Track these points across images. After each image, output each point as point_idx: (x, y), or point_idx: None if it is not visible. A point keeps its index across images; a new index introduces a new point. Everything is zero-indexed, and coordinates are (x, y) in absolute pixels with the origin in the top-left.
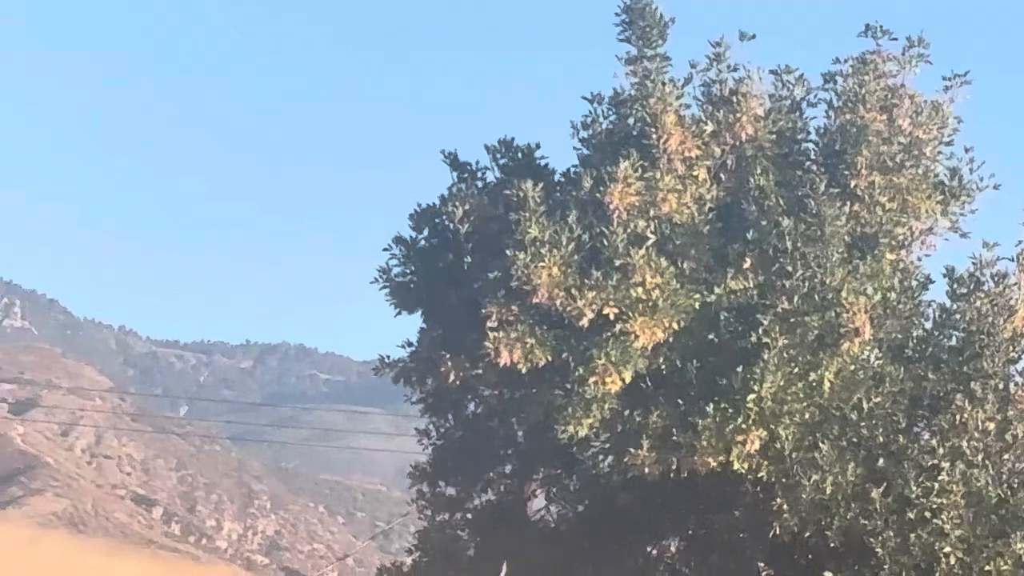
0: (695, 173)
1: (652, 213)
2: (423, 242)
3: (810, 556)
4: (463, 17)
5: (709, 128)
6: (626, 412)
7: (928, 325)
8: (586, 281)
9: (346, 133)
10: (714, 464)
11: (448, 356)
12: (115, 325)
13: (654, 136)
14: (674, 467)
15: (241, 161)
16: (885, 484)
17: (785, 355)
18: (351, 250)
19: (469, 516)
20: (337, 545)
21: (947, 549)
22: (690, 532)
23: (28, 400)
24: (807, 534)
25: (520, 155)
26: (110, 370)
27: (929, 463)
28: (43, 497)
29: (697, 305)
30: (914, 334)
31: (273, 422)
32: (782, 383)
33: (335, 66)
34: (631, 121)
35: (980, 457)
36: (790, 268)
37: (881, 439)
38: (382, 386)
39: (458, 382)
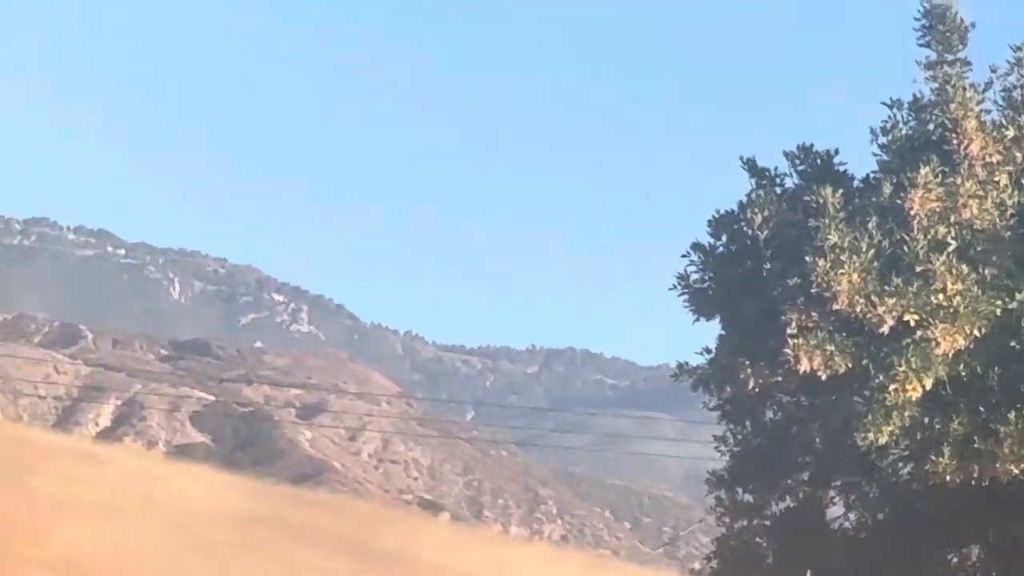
0: (996, 178)
1: (953, 219)
2: (721, 248)
3: None
4: (761, 22)
5: (1010, 133)
6: (926, 419)
7: None
8: (886, 287)
9: (643, 137)
10: (1016, 471)
11: (747, 363)
12: (401, 330)
13: (955, 141)
14: (975, 475)
15: (532, 166)
16: None
17: None
18: (639, 255)
19: (767, 523)
20: (624, 551)
21: None
22: (991, 540)
23: (316, 405)
24: None
25: (819, 161)
26: (397, 375)
27: None
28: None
29: (999, 311)
30: None
31: (559, 427)
32: None
33: (632, 68)
34: (931, 126)
35: None
36: None
37: None
38: (669, 391)
39: (757, 389)
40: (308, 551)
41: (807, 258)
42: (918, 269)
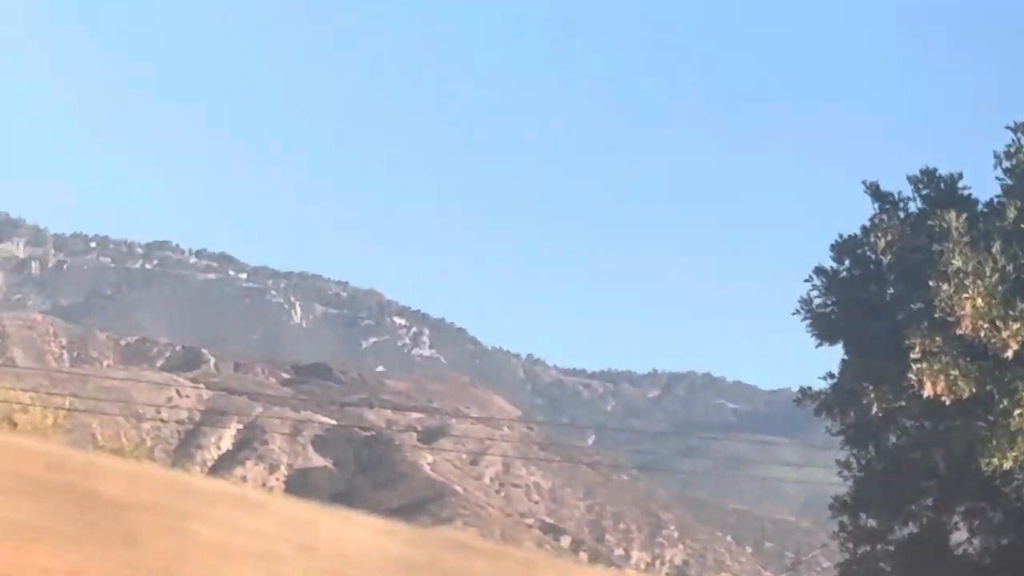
0: None
1: None
2: (845, 273)
3: None
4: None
5: None
6: None
7: None
8: (1011, 312)
9: (763, 162)
10: None
11: (870, 387)
12: (522, 354)
13: None
14: None
15: (652, 192)
16: None
17: None
18: (760, 279)
19: (891, 548)
20: (746, 575)
21: None
22: None
23: (437, 429)
24: None
25: (943, 185)
26: (518, 399)
27: None
28: (452, 526)
29: None
30: None
31: (680, 451)
32: None
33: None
34: None
35: None
36: None
37: None
38: (790, 415)
39: (880, 413)
40: None
41: (931, 282)
42: None
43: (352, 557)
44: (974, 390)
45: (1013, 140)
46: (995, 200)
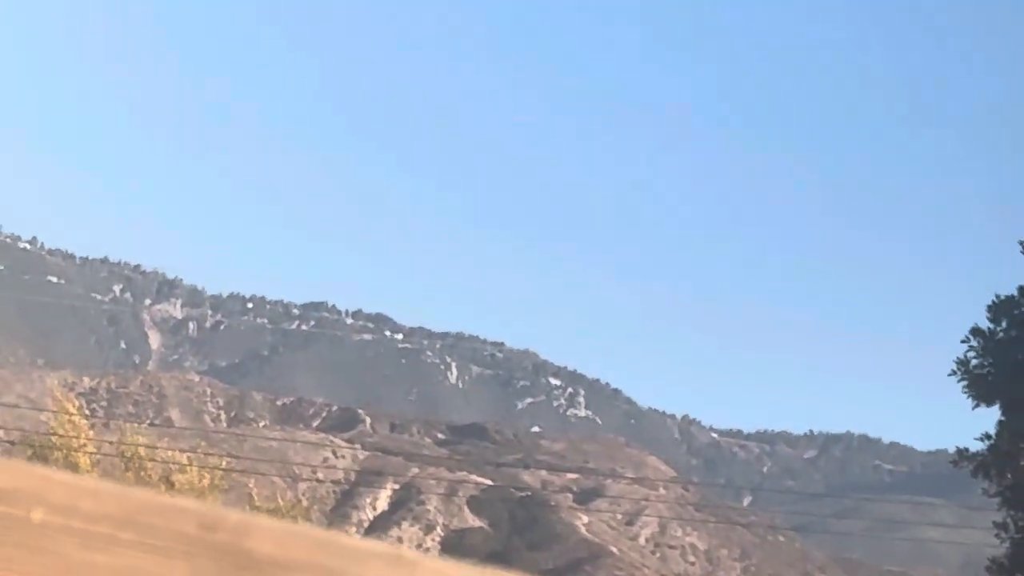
0: None
1: None
2: (1001, 334)
3: None
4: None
5: None
6: None
7: None
8: None
9: (919, 220)
10: None
11: None
12: (678, 414)
13: None
14: None
15: (803, 243)
16: None
17: None
18: (918, 340)
19: None
20: None
21: None
22: None
23: (593, 489)
24: None
25: None
26: (673, 459)
27: None
28: None
29: None
30: None
31: (836, 512)
32: None
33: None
34: None
35: None
36: None
37: None
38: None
39: None
40: None
41: None
42: None
43: None
44: None
45: None
46: None
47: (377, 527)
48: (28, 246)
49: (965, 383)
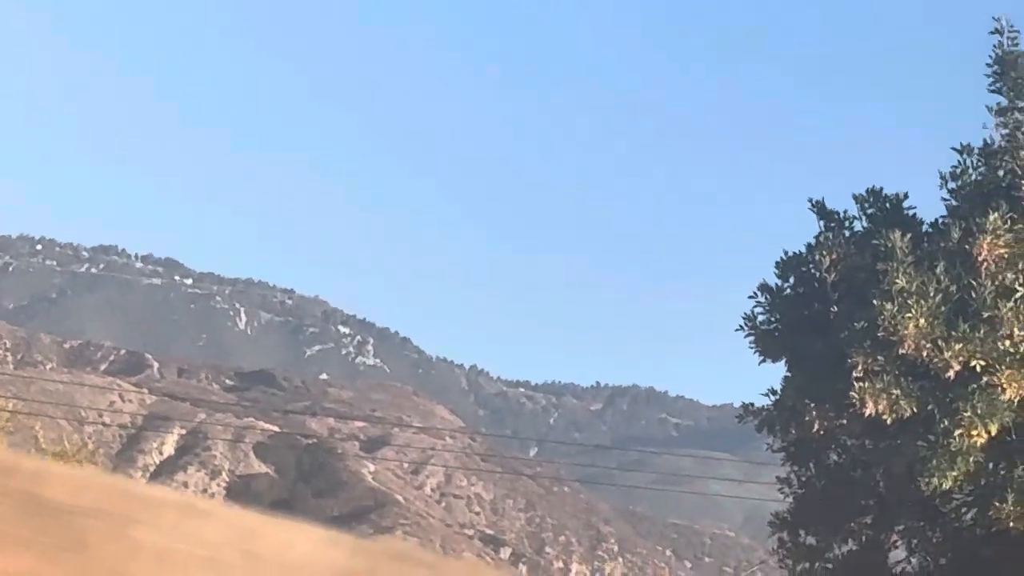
0: None
1: (1021, 265)
2: (789, 290)
3: None
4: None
5: None
6: (990, 465)
7: None
8: (953, 333)
9: (713, 178)
10: None
11: (812, 405)
12: (466, 364)
13: None
14: None
15: (602, 201)
16: None
17: None
18: (705, 296)
19: (829, 566)
20: None
21: None
22: None
23: (379, 438)
24: None
25: (888, 205)
26: (461, 409)
27: None
28: (392, 535)
29: None
30: None
31: (622, 465)
32: None
33: (703, 107)
34: (1001, 173)
35: None
36: None
37: None
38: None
39: (821, 431)
40: None
41: (874, 302)
42: (985, 315)
43: (296, 566)
44: (915, 410)
45: (959, 161)
46: (940, 221)
47: (163, 472)
48: None
49: (752, 339)
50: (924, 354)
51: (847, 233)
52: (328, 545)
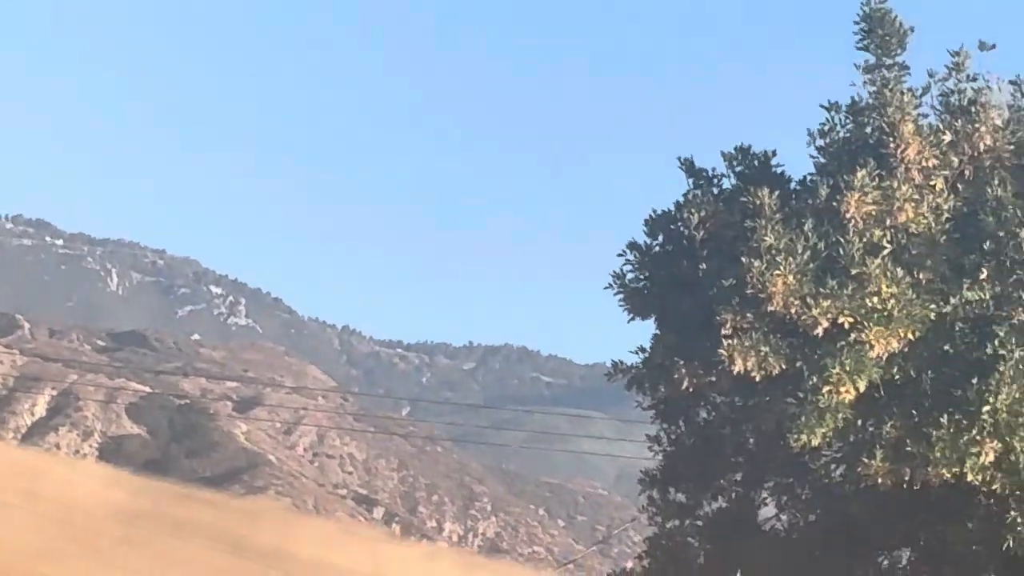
0: (932, 183)
1: (888, 222)
2: (657, 248)
3: None
4: (702, 23)
5: (947, 138)
6: (859, 422)
7: None
8: (821, 290)
9: (582, 136)
10: (948, 475)
11: (681, 363)
12: (338, 325)
13: (891, 145)
14: (907, 478)
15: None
16: None
17: (1021, 367)
18: (576, 253)
19: (699, 523)
20: (557, 548)
21: None
22: (922, 543)
23: (252, 398)
24: None
25: (756, 162)
26: (333, 370)
27: None
28: (265, 495)
29: (933, 316)
30: None
31: (494, 424)
32: (1018, 395)
33: (575, 67)
34: (868, 130)
35: None
36: None
37: None
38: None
39: (691, 389)
40: (188, 546)
41: (743, 259)
42: (853, 272)
43: (78, 505)
44: (784, 367)
45: (827, 119)
46: (808, 178)
47: (35, 433)
48: None
49: (621, 297)
50: (792, 311)
51: (716, 191)
52: (111, 485)
